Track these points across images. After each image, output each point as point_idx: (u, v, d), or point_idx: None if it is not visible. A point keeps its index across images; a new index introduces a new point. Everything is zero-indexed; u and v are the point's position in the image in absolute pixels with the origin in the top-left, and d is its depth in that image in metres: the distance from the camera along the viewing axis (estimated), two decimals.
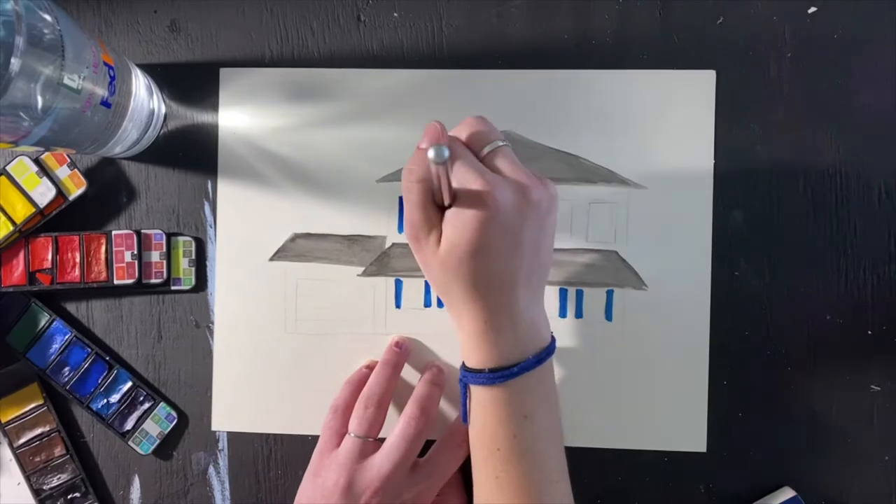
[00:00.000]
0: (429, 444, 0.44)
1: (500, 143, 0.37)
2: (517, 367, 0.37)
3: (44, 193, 0.46)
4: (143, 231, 0.47)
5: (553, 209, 0.38)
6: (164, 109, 0.47)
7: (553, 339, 0.39)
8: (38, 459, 0.47)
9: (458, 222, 0.35)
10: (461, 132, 0.38)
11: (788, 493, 0.44)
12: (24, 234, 0.47)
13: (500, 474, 0.38)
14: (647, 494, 0.46)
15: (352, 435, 0.42)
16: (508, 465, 0.37)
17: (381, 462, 0.41)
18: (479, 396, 0.38)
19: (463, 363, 0.39)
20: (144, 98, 0.43)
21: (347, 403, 0.44)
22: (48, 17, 0.32)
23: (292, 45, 0.47)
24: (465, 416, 0.40)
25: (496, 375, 0.37)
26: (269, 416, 0.47)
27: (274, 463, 0.47)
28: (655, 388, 0.46)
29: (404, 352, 0.45)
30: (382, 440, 0.43)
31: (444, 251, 0.36)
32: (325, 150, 0.46)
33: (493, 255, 0.36)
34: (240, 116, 0.47)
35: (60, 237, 0.47)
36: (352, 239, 0.47)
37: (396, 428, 0.42)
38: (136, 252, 0.47)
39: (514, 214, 0.35)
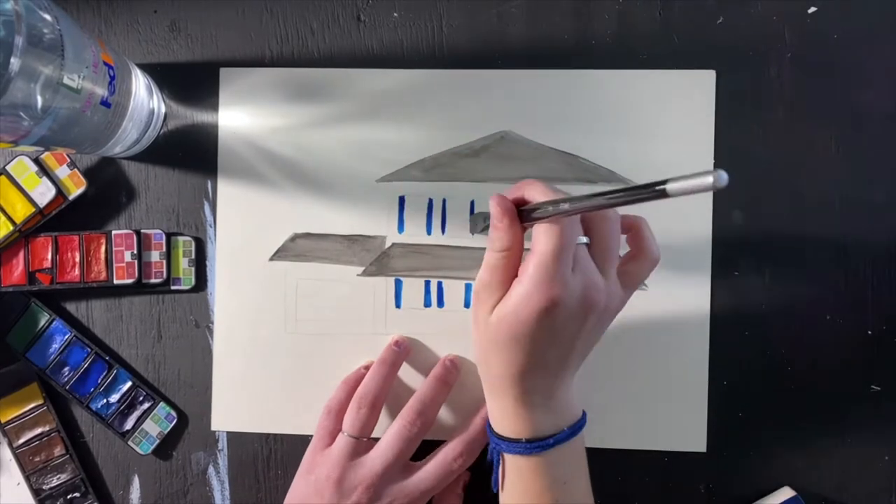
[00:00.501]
0: (426, 443, 0.44)
1: (583, 241, 0.36)
2: (552, 440, 0.37)
3: (44, 193, 0.46)
4: (142, 231, 0.47)
5: (615, 310, 0.38)
6: (164, 109, 0.47)
7: (584, 414, 0.39)
8: (37, 459, 0.47)
9: (516, 302, 0.35)
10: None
11: (788, 493, 0.44)
12: (24, 234, 0.47)
13: None
14: (647, 494, 0.46)
15: (345, 434, 0.42)
16: None
17: (374, 460, 0.41)
18: (518, 465, 0.38)
19: (492, 429, 0.39)
20: (144, 98, 0.43)
21: (342, 404, 0.44)
22: (48, 17, 0.32)
23: (292, 45, 0.47)
24: (496, 484, 0.40)
25: (533, 445, 0.37)
26: (269, 416, 0.47)
27: (274, 463, 0.47)
28: (655, 388, 0.46)
29: (403, 351, 0.45)
30: (376, 440, 0.43)
31: (494, 319, 0.36)
32: (325, 150, 0.46)
33: (540, 345, 0.35)
34: (240, 116, 0.47)
35: (60, 237, 0.47)
36: (352, 239, 0.47)
37: (393, 426, 0.42)
38: (135, 252, 0.47)
39: (571, 317, 0.35)
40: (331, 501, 0.41)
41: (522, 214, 0.36)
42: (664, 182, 0.28)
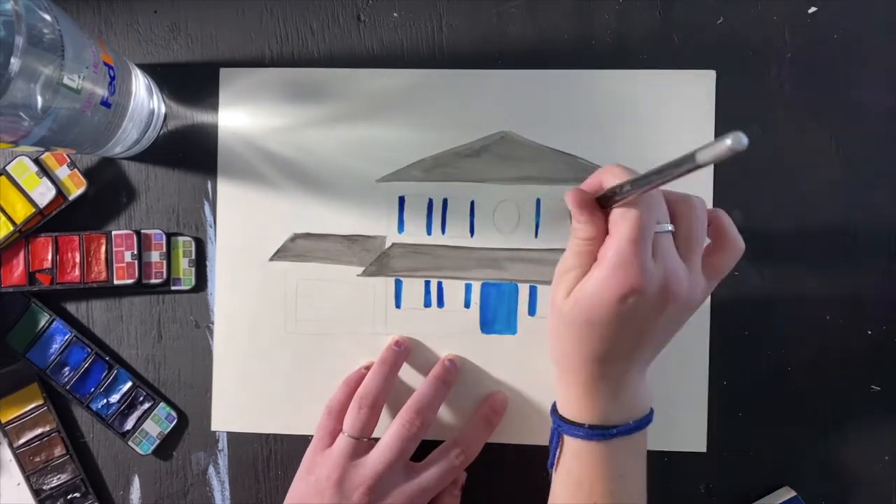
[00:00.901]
0: (426, 443, 0.44)
1: (667, 228, 0.34)
2: (616, 430, 0.37)
3: (44, 193, 0.46)
4: (143, 231, 0.47)
5: (697, 302, 0.36)
6: (164, 109, 0.47)
7: (651, 410, 0.39)
8: (38, 459, 0.47)
9: (594, 286, 0.34)
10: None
11: (788, 493, 0.44)
12: (24, 234, 0.47)
13: None
14: (647, 494, 0.46)
15: (346, 435, 0.42)
16: None
17: (374, 460, 0.41)
18: (577, 449, 0.38)
19: (556, 409, 0.39)
20: (144, 98, 0.43)
21: (342, 405, 0.44)
22: (48, 17, 0.32)
23: (292, 45, 0.47)
24: (552, 463, 0.40)
25: (596, 432, 0.37)
26: (269, 416, 0.47)
27: (274, 463, 0.47)
28: (655, 388, 0.45)
29: (403, 351, 0.45)
30: (376, 440, 0.43)
31: (571, 301, 0.35)
32: (325, 150, 0.46)
33: (613, 332, 0.35)
34: (240, 116, 0.47)
35: (60, 237, 0.47)
36: (352, 239, 0.47)
37: (392, 427, 0.42)
38: (136, 252, 0.47)
39: (649, 306, 0.34)
40: (331, 502, 0.41)
41: (601, 200, 0.35)
42: (693, 154, 0.30)
